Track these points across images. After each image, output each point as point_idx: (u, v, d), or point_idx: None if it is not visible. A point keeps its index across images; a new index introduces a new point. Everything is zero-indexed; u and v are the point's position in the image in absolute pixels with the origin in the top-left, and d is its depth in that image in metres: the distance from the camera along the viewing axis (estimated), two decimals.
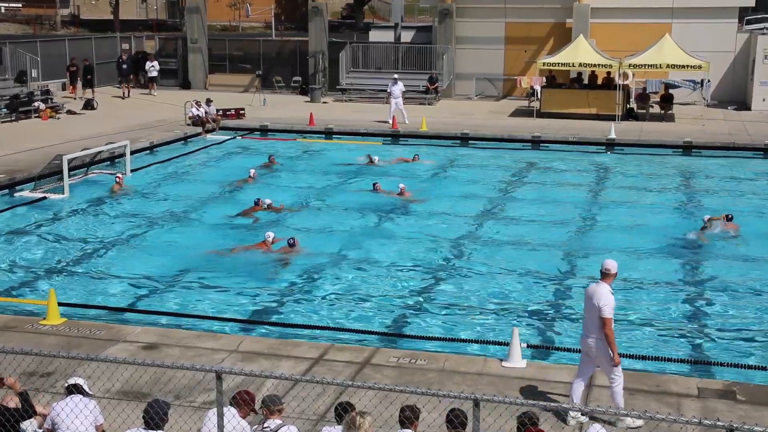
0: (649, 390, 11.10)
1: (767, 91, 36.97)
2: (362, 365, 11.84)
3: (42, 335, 12.82)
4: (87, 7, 79.07)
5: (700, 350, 13.46)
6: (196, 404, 10.48)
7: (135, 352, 12.17)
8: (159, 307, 14.98)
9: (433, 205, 22.48)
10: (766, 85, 36.95)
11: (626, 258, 17.99)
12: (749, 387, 11.29)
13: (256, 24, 73.75)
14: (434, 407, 8.88)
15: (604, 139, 30.58)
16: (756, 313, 14.97)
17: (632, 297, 15.65)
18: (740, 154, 29.19)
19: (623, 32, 38.56)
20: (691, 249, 18.93)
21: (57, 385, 10.60)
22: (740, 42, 39.37)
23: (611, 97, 34.44)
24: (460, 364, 11.96)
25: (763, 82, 36.93)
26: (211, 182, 24.99)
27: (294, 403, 10.00)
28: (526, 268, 17.31)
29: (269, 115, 35.17)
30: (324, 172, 26.26)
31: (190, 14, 45.01)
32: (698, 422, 6.87)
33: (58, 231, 19.98)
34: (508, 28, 41.47)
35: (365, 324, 14.32)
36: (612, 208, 22.54)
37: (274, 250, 17.87)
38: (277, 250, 17.90)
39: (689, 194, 24.25)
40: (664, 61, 33.82)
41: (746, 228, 19.79)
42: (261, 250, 17.91)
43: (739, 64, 39.25)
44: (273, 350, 12.37)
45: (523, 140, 31.12)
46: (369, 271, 17.07)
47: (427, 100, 39.07)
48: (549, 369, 11.87)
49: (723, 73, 39.24)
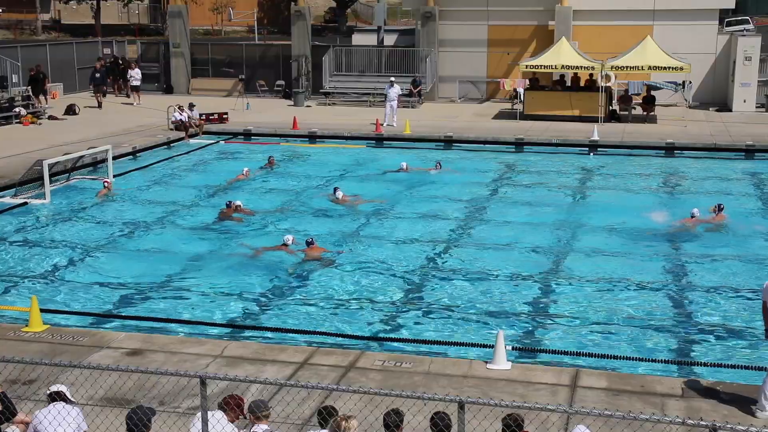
0: (633, 390, 11.14)
1: (748, 93, 37.23)
2: (347, 369, 11.83)
3: (24, 342, 12.74)
4: (68, 12, 78.63)
5: (684, 350, 13.51)
6: (181, 410, 10.43)
7: (119, 358, 12.11)
8: (142, 313, 14.93)
9: (416, 208, 22.52)
10: (746, 86, 37.20)
11: (609, 258, 18.12)
12: (732, 386, 11.35)
13: (239, 28, 73.60)
14: (419, 410, 8.87)
15: (587, 141, 30.71)
16: (739, 312, 15.05)
17: (615, 296, 15.71)
18: (722, 155, 29.38)
19: (605, 34, 38.76)
20: (676, 244, 19.07)
21: (39, 392, 10.52)
22: (721, 43, 39.63)
23: (594, 99, 34.58)
24: (446, 366, 11.97)
25: (743, 83, 37.18)
26: (194, 187, 24.91)
27: (279, 407, 9.97)
28: (510, 270, 17.35)
29: (253, 119, 35.12)
30: (307, 176, 26.23)
31: (173, 18, 44.89)
32: (682, 422, 6.90)
33: (39, 237, 19.87)
34: (490, 31, 41.57)
35: (351, 328, 14.30)
36: (595, 209, 22.61)
37: (294, 251, 17.96)
38: (297, 251, 18.01)
39: (672, 194, 24.36)
40: (645, 62, 34.00)
41: (729, 227, 19.97)
42: (283, 252, 18.03)
43: (720, 65, 39.50)
44: (258, 355, 12.34)
45: (507, 142, 31.21)
46: (353, 275, 17.05)
47: (410, 103, 39.11)
48: (534, 370, 11.89)
49: (704, 75, 39.49)
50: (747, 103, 37.17)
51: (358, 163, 28.70)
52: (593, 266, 17.66)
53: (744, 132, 31.74)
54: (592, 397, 10.94)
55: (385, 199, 23.06)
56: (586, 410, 7.19)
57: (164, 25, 60.31)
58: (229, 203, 21.36)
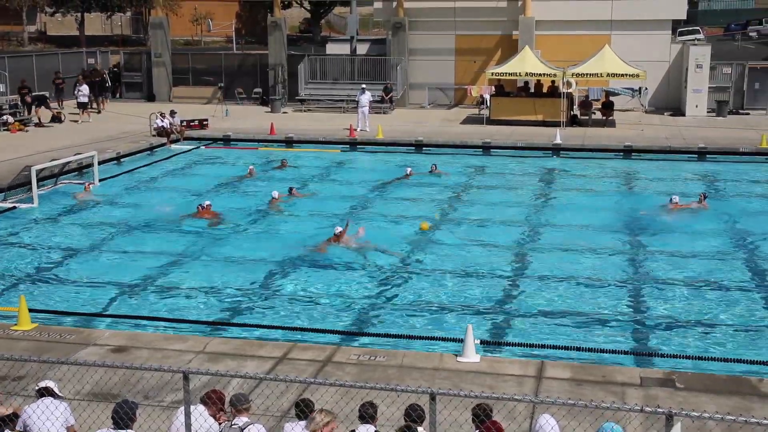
0: (595, 380, 11.21)
1: (699, 98, 37.59)
2: (324, 363, 11.80)
3: (13, 340, 12.61)
4: (53, 23, 77.84)
5: (643, 340, 13.62)
6: (165, 404, 10.36)
7: (105, 354, 12.01)
8: (128, 311, 14.82)
9: (386, 208, 22.53)
10: (698, 92, 37.56)
11: (573, 255, 18.22)
12: (687, 375, 11.46)
13: (218, 38, 73.19)
14: (393, 402, 8.87)
15: (550, 144, 30.86)
16: (695, 303, 15.18)
17: (580, 291, 15.80)
18: (676, 157, 29.66)
19: (566, 43, 38.97)
20: (639, 237, 19.27)
21: (29, 388, 10.42)
22: (674, 52, 39.98)
23: (556, 105, 34.75)
24: (418, 360, 11.98)
25: (695, 89, 37.53)
26: (175, 190, 24.77)
27: (259, 400, 9.93)
28: (479, 266, 17.39)
29: (231, 125, 34.97)
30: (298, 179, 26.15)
31: (154, 29, 44.58)
32: (640, 409, 6.96)
33: (27, 239, 19.65)
34: (458, 41, 41.66)
35: (326, 324, 14.28)
36: (559, 208, 22.74)
37: (346, 239, 18.32)
38: (349, 236, 18.45)
39: (630, 194, 24.55)
40: (604, 70, 34.25)
41: (686, 224, 20.21)
42: (333, 243, 18.27)
43: (673, 72, 39.84)
44: (238, 350, 12.29)
45: (475, 146, 31.29)
46: (328, 272, 17.02)
47: (382, 110, 39.09)
48: (501, 363, 11.92)
49: (659, 81, 39.83)
50: (699, 108, 37.54)
51: (347, 167, 28.71)
52: (559, 261, 17.77)
53: (696, 135, 32.05)
54: (556, 387, 10.99)
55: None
56: (551, 400, 7.23)
57: (146, 36, 59.87)
58: (200, 205, 21.32)
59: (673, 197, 21.87)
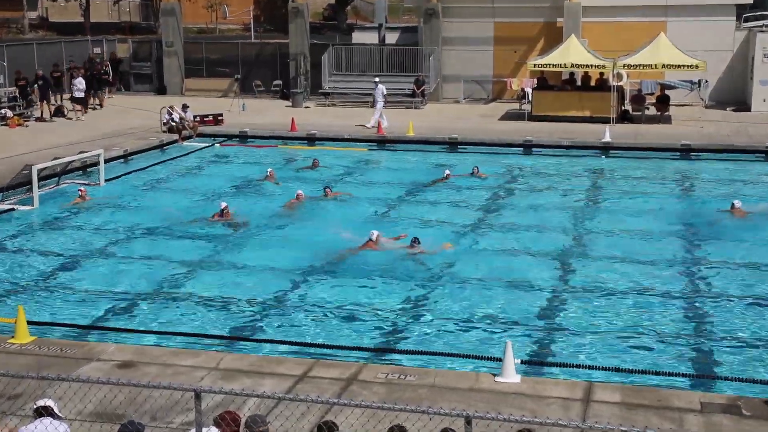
0: (650, 405, 11.08)
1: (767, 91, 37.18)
2: (349, 382, 11.78)
3: (10, 355, 12.68)
4: (56, 9, 78.68)
5: (703, 363, 13.44)
6: (174, 425, 10.38)
7: (109, 371, 12.06)
8: (134, 324, 14.88)
9: (421, 214, 22.50)
10: (766, 84, 37.14)
11: (623, 265, 18.06)
12: (754, 401, 11.28)
13: (234, 26, 73.59)
14: (424, 425, 8.81)
15: (599, 143, 30.66)
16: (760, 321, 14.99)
17: (632, 306, 15.65)
18: (740, 157, 29.34)
19: (616, 31, 38.75)
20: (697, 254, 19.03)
21: (26, 407, 10.48)
22: (738, 40, 39.61)
23: (605, 99, 34.54)
24: (452, 379, 11.92)
25: (763, 81, 37.11)
26: (188, 191, 24.91)
27: (277, 422, 9.90)
28: (519, 279, 17.28)
29: (249, 121, 35.11)
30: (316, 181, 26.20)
31: (165, 16, 44.95)
32: None
33: (27, 244, 19.83)
34: (496, 28, 41.58)
35: (353, 340, 14.25)
36: (608, 214, 22.57)
37: (386, 244, 18.67)
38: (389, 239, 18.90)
39: (687, 198, 24.32)
40: (659, 61, 34.00)
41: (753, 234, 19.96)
42: (370, 249, 18.48)
43: (737, 63, 39.48)
44: (255, 367, 12.28)
45: (515, 144, 31.16)
46: (355, 285, 16.99)
47: (413, 104, 39.09)
48: (544, 384, 11.82)
49: (721, 73, 39.48)
50: (767, 102, 37.10)
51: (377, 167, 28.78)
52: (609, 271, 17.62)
53: (763, 133, 31.68)
54: (606, 411, 10.87)
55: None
56: (601, 426, 7.15)
57: (156, 23, 60.32)
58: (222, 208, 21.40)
59: (736, 202, 21.65)
